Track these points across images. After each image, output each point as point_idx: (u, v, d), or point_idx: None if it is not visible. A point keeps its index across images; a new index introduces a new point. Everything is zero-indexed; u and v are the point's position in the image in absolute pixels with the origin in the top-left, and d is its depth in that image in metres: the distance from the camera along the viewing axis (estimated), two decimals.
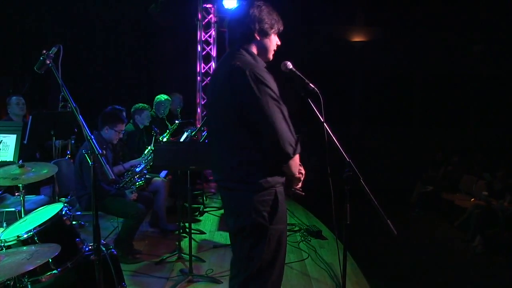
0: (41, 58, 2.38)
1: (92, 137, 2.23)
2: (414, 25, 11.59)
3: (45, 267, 2.56)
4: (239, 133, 2.20)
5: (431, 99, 12.19)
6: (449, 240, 7.42)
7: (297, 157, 2.26)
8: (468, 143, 11.38)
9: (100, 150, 2.17)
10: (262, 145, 2.17)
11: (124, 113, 5.24)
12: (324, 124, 2.39)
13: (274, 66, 2.44)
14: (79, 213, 4.38)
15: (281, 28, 2.40)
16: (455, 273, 5.94)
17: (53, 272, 2.60)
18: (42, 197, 4.60)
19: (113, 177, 2.26)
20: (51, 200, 4.45)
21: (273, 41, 2.37)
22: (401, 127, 12.20)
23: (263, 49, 2.35)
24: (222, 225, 5.71)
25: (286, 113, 2.18)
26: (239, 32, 2.32)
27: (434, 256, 6.61)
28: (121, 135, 4.53)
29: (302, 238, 5.41)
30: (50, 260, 2.54)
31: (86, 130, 2.22)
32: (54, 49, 2.42)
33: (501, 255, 6.56)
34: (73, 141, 5.85)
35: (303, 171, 2.43)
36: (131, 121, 5.72)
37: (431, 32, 11.58)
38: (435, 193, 9.05)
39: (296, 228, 5.74)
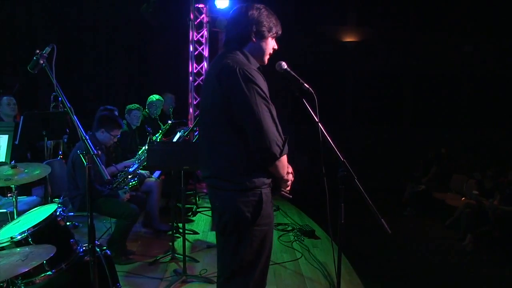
0: (35, 57, 2.35)
1: (87, 138, 2.21)
2: (405, 26, 11.67)
3: (39, 269, 2.54)
4: (226, 132, 2.19)
5: (422, 99, 12.28)
6: (440, 239, 7.48)
7: (284, 158, 2.23)
8: (459, 143, 11.48)
9: (95, 151, 2.16)
10: (249, 145, 2.15)
11: (116, 112, 5.22)
12: (319, 124, 2.40)
13: (268, 66, 2.44)
14: (72, 213, 4.34)
15: (279, 32, 2.39)
16: (446, 272, 5.99)
17: (48, 273, 2.58)
18: (34, 198, 4.57)
19: (109, 178, 2.25)
20: (43, 201, 4.42)
21: (270, 45, 2.36)
22: (392, 126, 12.26)
23: (258, 52, 2.33)
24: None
25: (274, 113, 2.17)
26: (236, 33, 2.31)
27: (425, 254, 6.66)
28: (115, 140, 4.51)
29: (295, 238, 5.43)
30: (45, 262, 2.52)
31: (81, 131, 2.21)
32: (47, 49, 2.40)
33: (491, 253, 6.62)
34: (65, 141, 5.81)
35: (291, 173, 2.39)
36: (124, 121, 5.70)
37: (422, 32, 11.67)
38: (427, 192, 9.11)
39: (289, 228, 5.76)
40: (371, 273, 4.90)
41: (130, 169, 4.68)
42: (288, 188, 2.41)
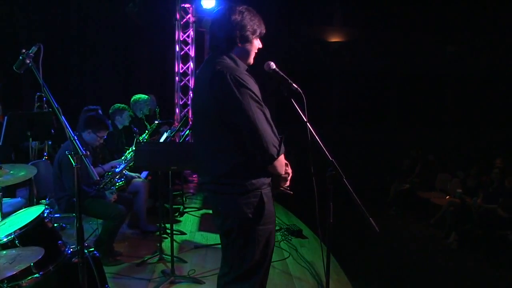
0: (21, 57, 2.32)
1: (76, 138, 2.19)
2: (390, 26, 11.79)
3: (26, 272, 2.49)
4: (223, 137, 2.22)
5: (407, 99, 12.42)
6: (425, 237, 7.58)
7: (282, 157, 2.28)
8: (443, 142, 11.64)
9: (84, 151, 2.14)
10: (246, 148, 2.18)
11: (99, 111, 5.17)
12: (307, 123, 2.41)
13: (256, 67, 2.45)
14: (58, 215, 4.30)
15: (263, 32, 2.40)
16: (432, 269, 6.07)
17: (35, 276, 2.54)
18: (19, 199, 4.50)
19: (97, 178, 2.23)
20: (29, 203, 4.35)
21: (255, 46, 2.38)
22: (377, 126, 12.38)
23: (244, 54, 2.35)
24: (202, 226, 5.70)
25: (268, 115, 2.20)
26: (220, 38, 2.31)
27: (411, 252, 6.74)
28: (101, 141, 4.46)
29: (283, 237, 5.44)
30: (32, 264, 2.48)
31: (70, 131, 2.18)
32: (34, 48, 2.37)
33: (475, 250, 6.72)
34: (50, 142, 5.74)
35: (289, 170, 2.45)
36: (109, 121, 5.64)
37: (406, 33, 11.80)
38: (411, 191, 9.21)
39: (277, 228, 5.77)
40: (358, 272, 4.93)
41: (117, 170, 4.65)
42: (288, 184, 2.45)
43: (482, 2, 11.41)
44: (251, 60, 2.40)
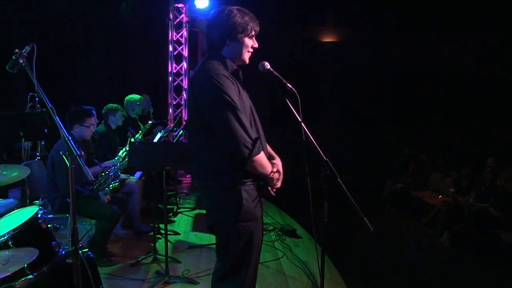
0: (14, 57, 2.31)
1: (70, 138, 2.18)
2: (383, 26, 11.82)
3: (19, 273, 2.47)
4: (203, 134, 2.29)
5: (400, 99, 12.47)
6: (418, 236, 7.61)
7: (260, 157, 2.29)
8: (435, 142, 11.71)
9: (78, 151, 2.14)
10: (220, 146, 2.24)
11: (93, 111, 5.14)
12: (302, 123, 2.42)
13: (249, 66, 2.46)
14: (52, 216, 4.27)
15: (257, 30, 2.43)
16: (425, 268, 6.10)
17: (28, 277, 2.53)
18: (11, 200, 4.46)
19: (92, 179, 2.23)
20: (22, 203, 4.33)
21: (246, 44, 2.40)
22: (370, 126, 12.41)
23: (235, 53, 2.39)
24: (196, 226, 5.70)
25: (241, 115, 2.22)
26: (213, 38, 2.38)
27: (404, 251, 6.77)
28: (93, 130, 4.41)
29: (277, 237, 5.46)
30: (25, 265, 2.46)
31: (64, 131, 2.18)
32: (27, 48, 2.36)
33: (467, 249, 6.76)
34: (43, 142, 5.70)
35: (280, 171, 2.46)
36: (102, 122, 5.63)
37: (399, 33, 11.85)
38: (405, 191, 9.25)
39: (271, 228, 5.78)
40: (352, 271, 4.95)
41: (111, 173, 4.62)
42: (278, 185, 2.46)
43: (475, 2, 11.49)
44: (245, 59, 2.43)
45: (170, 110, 8.99)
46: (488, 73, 12.11)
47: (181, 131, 6.34)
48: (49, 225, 2.80)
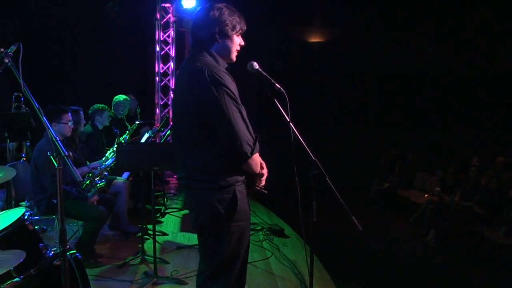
0: None
1: (58, 139, 2.16)
2: (369, 27, 11.92)
3: (6, 276, 2.45)
4: (199, 133, 2.24)
5: (387, 98, 12.58)
6: (405, 235, 7.69)
7: (256, 156, 2.30)
8: (421, 141, 11.82)
9: (66, 152, 2.12)
10: (221, 145, 2.20)
11: (81, 112, 5.10)
12: (290, 123, 2.43)
13: (236, 65, 2.46)
14: (38, 217, 4.22)
15: (244, 28, 2.42)
16: (412, 266, 6.17)
17: (15, 280, 2.50)
18: None
19: (81, 179, 2.21)
20: (7, 205, 4.27)
21: (235, 42, 2.39)
22: (357, 125, 12.50)
23: (225, 51, 2.36)
24: (184, 226, 5.67)
25: (244, 113, 2.22)
26: (200, 35, 2.34)
27: (391, 250, 6.84)
28: (71, 126, 4.33)
29: (265, 237, 5.46)
30: (12, 268, 2.44)
31: (52, 132, 2.15)
32: (13, 48, 2.33)
33: (453, 247, 6.85)
34: (28, 143, 5.64)
35: (265, 170, 2.46)
36: (89, 122, 5.58)
37: (386, 33, 11.95)
38: (391, 190, 9.33)
39: (259, 227, 5.78)
40: (340, 270, 4.98)
41: (96, 171, 4.59)
42: (263, 183, 2.47)
43: (460, 3, 11.65)
44: (232, 57, 2.41)
45: (157, 111, 8.95)
46: (474, 73, 12.29)
47: (168, 131, 6.32)
48: (36, 227, 2.76)
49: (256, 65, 2.47)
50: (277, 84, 2.47)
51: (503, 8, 11.73)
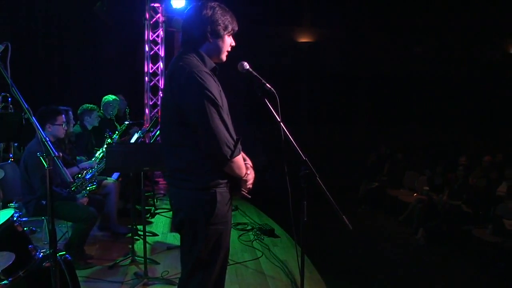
0: None
1: (47, 139, 2.15)
2: (358, 27, 11.98)
3: None
4: (180, 133, 2.22)
5: (375, 98, 12.66)
6: (394, 234, 7.74)
7: (238, 159, 2.26)
8: (410, 141, 11.92)
9: (56, 153, 2.10)
10: (200, 147, 2.18)
11: (70, 112, 5.06)
12: (281, 123, 2.43)
13: (224, 64, 2.45)
14: (26, 219, 4.17)
15: (236, 29, 2.39)
16: (401, 264, 6.22)
17: (3, 282, 2.46)
18: None
19: (71, 180, 2.19)
20: None
21: (227, 42, 2.36)
22: (346, 125, 12.56)
23: (215, 50, 2.34)
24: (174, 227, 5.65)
25: (224, 115, 2.19)
26: (191, 33, 2.31)
27: (381, 249, 6.88)
28: (66, 128, 4.32)
29: (255, 237, 5.47)
30: (0, 270, 2.41)
31: (41, 132, 2.14)
32: (1, 47, 2.30)
33: (442, 245, 6.91)
34: (16, 144, 5.58)
35: (251, 172, 2.42)
36: (78, 122, 5.54)
37: (374, 33, 12.03)
38: (380, 189, 9.39)
39: (249, 227, 5.79)
40: (330, 269, 5.00)
41: (87, 176, 4.55)
42: (249, 187, 2.43)
43: (447, 4, 11.76)
44: (223, 57, 2.39)
45: (147, 111, 8.91)
46: (462, 74, 12.42)
47: (158, 131, 6.30)
48: (25, 228, 2.73)
49: (246, 65, 2.47)
50: (267, 84, 2.47)
51: (489, 9, 11.90)
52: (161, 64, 8.85)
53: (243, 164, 2.33)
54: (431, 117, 12.55)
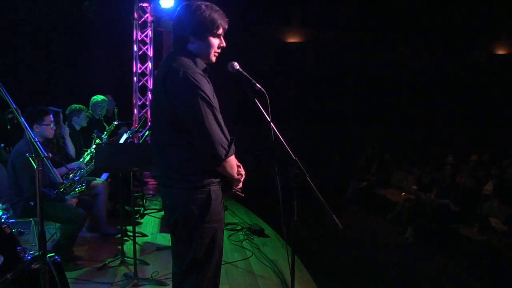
0: None
1: (36, 140, 2.13)
2: (347, 27, 12.03)
3: None
4: (174, 133, 2.22)
5: (363, 98, 12.73)
6: (383, 233, 7.81)
7: (231, 158, 2.28)
8: (398, 141, 12.01)
9: (46, 153, 2.08)
10: (195, 147, 2.19)
11: (60, 115, 5.02)
12: (271, 123, 2.44)
13: (214, 64, 2.45)
14: (13, 220, 4.13)
15: (226, 28, 2.39)
16: (390, 263, 6.26)
17: None
18: None
19: (61, 180, 2.18)
20: None
21: (215, 43, 2.36)
22: (334, 125, 12.61)
23: (204, 51, 2.34)
24: (164, 227, 5.64)
25: (219, 116, 2.20)
26: (182, 33, 2.31)
27: (370, 248, 6.93)
28: (54, 128, 4.28)
29: (245, 236, 5.48)
30: None
31: (30, 133, 2.12)
32: None
33: (430, 244, 6.98)
34: (2, 145, 5.52)
35: (242, 172, 2.45)
36: (66, 123, 5.49)
37: (363, 33, 12.09)
38: (369, 188, 9.45)
39: (239, 227, 5.80)
40: (320, 268, 5.02)
41: (76, 178, 4.52)
42: (240, 186, 2.46)
43: (434, 4, 11.88)
44: (212, 57, 2.39)
45: (135, 111, 8.87)
46: (449, 73, 12.54)
47: (147, 131, 6.27)
48: (13, 230, 2.71)
49: (236, 65, 2.47)
50: (257, 84, 2.47)
51: (475, 10, 12.04)
52: (149, 64, 8.82)
53: (236, 164, 2.35)
54: (418, 117, 12.66)
